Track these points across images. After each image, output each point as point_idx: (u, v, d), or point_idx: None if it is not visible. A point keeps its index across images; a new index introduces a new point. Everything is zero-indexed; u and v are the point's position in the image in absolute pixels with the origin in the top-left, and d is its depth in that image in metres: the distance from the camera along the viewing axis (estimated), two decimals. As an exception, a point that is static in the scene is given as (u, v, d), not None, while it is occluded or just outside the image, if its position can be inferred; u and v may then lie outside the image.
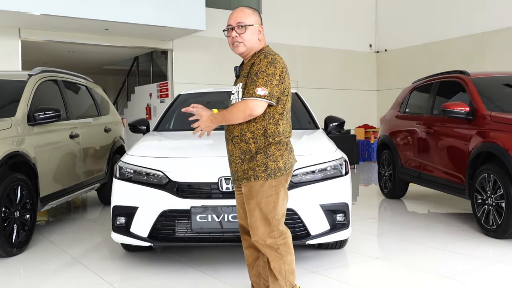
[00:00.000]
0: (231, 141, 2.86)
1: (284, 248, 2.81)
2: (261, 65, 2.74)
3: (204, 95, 5.94)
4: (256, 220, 2.79)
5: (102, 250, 4.67)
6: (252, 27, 2.86)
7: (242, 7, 2.96)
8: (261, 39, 2.90)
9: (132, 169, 3.93)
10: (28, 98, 4.98)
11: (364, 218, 6.01)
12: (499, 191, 4.77)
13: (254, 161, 2.77)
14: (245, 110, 2.70)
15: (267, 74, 2.71)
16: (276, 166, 2.77)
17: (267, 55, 2.78)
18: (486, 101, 5.35)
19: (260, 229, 2.78)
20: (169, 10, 10.41)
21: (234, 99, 2.89)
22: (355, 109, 15.28)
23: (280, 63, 2.78)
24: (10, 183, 4.33)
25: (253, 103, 2.69)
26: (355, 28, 15.38)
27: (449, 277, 3.72)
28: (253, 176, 2.77)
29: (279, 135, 2.79)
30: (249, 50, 2.88)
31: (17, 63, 10.45)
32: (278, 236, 2.79)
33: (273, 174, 2.76)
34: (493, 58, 12.32)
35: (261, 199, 2.77)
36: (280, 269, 2.81)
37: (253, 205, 2.79)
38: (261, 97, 2.68)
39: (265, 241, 2.79)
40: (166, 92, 12.77)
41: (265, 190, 2.77)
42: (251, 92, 2.70)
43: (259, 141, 2.78)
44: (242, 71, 2.91)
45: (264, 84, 2.69)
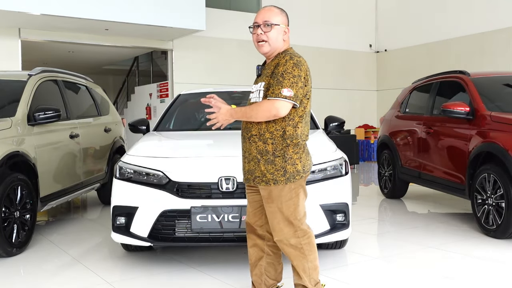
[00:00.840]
0: (248, 140, 2.86)
1: (308, 247, 2.84)
2: (287, 66, 2.73)
3: (204, 95, 5.90)
4: (279, 222, 2.80)
5: (102, 250, 4.67)
6: (278, 27, 2.85)
7: (271, 6, 2.94)
8: (285, 40, 2.90)
9: (132, 169, 3.93)
10: (28, 98, 4.98)
11: (364, 218, 6.02)
12: (499, 191, 4.77)
13: (273, 165, 2.77)
14: (270, 110, 2.69)
15: (293, 76, 2.71)
16: (294, 170, 2.78)
17: (292, 56, 2.78)
18: (486, 101, 5.34)
19: (284, 230, 2.80)
20: (169, 10, 10.41)
21: (254, 98, 2.88)
22: (355, 109, 15.28)
23: (304, 66, 2.79)
24: (10, 183, 4.33)
25: (280, 103, 2.69)
26: (355, 28, 15.37)
27: (449, 277, 3.72)
28: (272, 181, 2.77)
29: (297, 137, 2.80)
30: (273, 50, 2.87)
31: (17, 63, 10.44)
32: (302, 236, 2.82)
33: (292, 178, 2.77)
34: (493, 58, 12.32)
35: (282, 203, 2.78)
36: (303, 267, 2.84)
37: (274, 208, 2.80)
38: (286, 98, 2.68)
39: (289, 241, 2.81)
40: (166, 92, 12.78)
41: (285, 194, 2.78)
42: (277, 93, 2.69)
43: (276, 142, 2.78)
44: (264, 71, 2.89)
45: (290, 85, 2.69)
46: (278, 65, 2.77)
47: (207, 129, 5.38)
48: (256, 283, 3.09)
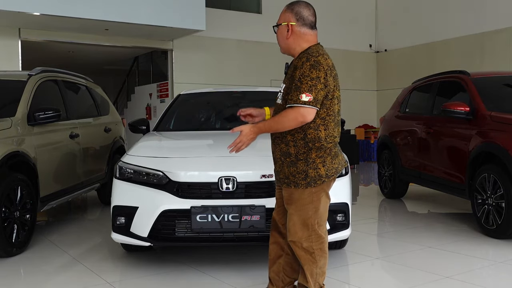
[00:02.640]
0: (273, 142, 2.87)
1: (319, 253, 2.81)
2: (304, 69, 2.64)
3: (204, 95, 5.93)
4: (295, 224, 2.78)
5: (102, 250, 4.67)
6: (280, 27, 2.82)
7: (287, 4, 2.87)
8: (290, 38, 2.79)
9: (132, 169, 3.93)
10: (28, 98, 4.98)
11: (364, 218, 6.01)
12: (499, 191, 4.77)
13: (295, 167, 2.74)
14: (297, 117, 2.62)
15: (311, 79, 2.62)
16: (316, 174, 2.72)
17: (309, 57, 2.67)
18: (486, 101, 5.34)
19: (298, 233, 2.78)
20: (169, 10, 10.41)
21: (278, 99, 2.88)
22: (355, 109, 15.27)
23: (323, 65, 2.67)
24: (10, 183, 4.33)
25: (305, 110, 2.61)
26: (355, 28, 15.37)
27: (449, 277, 3.72)
28: (293, 183, 2.75)
29: (320, 140, 2.71)
30: (285, 50, 2.84)
31: (17, 63, 10.44)
32: (316, 241, 2.80)
33: (313, 182, 2.72)
34: (493, 58, 12.32)
35: (301, 206, 2.76)
36: (312, 272, 2.82)
37: (292, 211, 2.79)
38: (306, 104, 2.60)
39: (302, 244, 2.79)
40: (166, 92, 12.77)
41: (305, 198, 2.75)
42: (295, 99, 2.62)
43: (298, 145, 2.73)
44: (289, 70, 2.84)
45: (308, 89, 2.60)
46: (296, 67, 2.70)
47: (207, 129, 5.39)
48: (274, 280, 3.08)
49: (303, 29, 2.79)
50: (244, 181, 3.69)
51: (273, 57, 13.43)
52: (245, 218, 3.61)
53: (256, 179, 3.70)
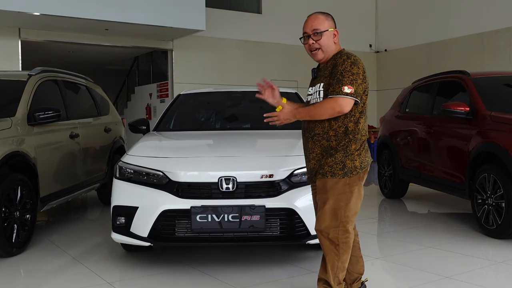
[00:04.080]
0: (312, 139, 2.93)
1: (344, 246, 2.86)
2: (345, 65, 2.82)
3: (204, 95, 5.93)
4: (325, 213, 2.84)
5: (102, 250, 4.67)
6: (327, 33, 2.96)
7: (316, 13, 3.06)
8: (336, 42, 2.99)
9: (132, 169, 3.93)
10: (28, 98, 4.98)
11: (364, 218, 6.01)
12: (499, 191, 4.77)
13: (333, 158, 2.84)
14: (334, 107, 2.78)
15: (352, 74, 2.81)
16: (353, 165, 2.84)
17: (349, 55, 2.88)
18: (486, 101, 5.34)
19: (327, 221, 2.84)
20: (169, 10, 10.41)
21: (314, 99, 2.96)
22: (355, 109, 15.25)
23: (361, 64, 2.89)
24: (10, 183, 4.33)
25: (343, 100, 2.77)
26: (355, 28, 15.35)
27: (449, 277, 3.72)
28: (330, 173, 2.84)
29: (359, 132, 2.87)
30: (328, 54, 2.97)
31: (17, 63, 10.44)
32: (343, 234, 2.84)
33: (350, 173, 2.83)
34: (493, 58, 12.32)
35: (334, 196, 2.83)
36: (333, 264, 2.87)
37: (324, 199, 2.86)
38: (347, 95, 2.77)
39: (329, 233, 2.84)
40: (166, 92, 12.77)
41: (339, 188, 2.83)
42: (338, 91, 2.78)
43: (339, 138, 2.86)
44: (320, 72, 2.98)
45: (350, 82, 2.78)
46: (336, 65, 2.86)
47: (207, 129, 5.39)
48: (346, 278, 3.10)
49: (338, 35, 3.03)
50: (244, 181, 3.69)
51: (273, 57, 13.46)
52: (245, 218, 3.61)
53: (256, 179, 3.70)
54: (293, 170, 3.76)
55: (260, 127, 4.83)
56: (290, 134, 4.62)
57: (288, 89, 5.91)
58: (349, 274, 3.11)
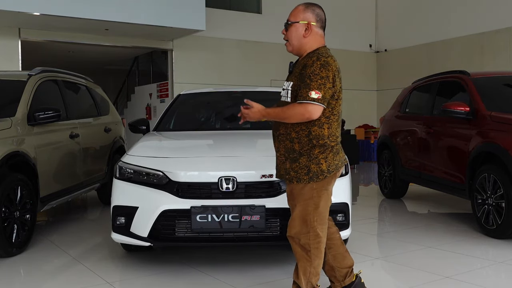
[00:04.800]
0: (277, 138, 2.90)
1: (315, 252, 2.82)
2: (314, 68, 2.71)
3: (204, 95, 5.93)
4: (294, 219, 2.82)
5: (102, 250, 4.67)
6: (297, 25, 2.84)
7: (300, 4, 2.90)
8: (307, 36, 2.84)
9: (132, 169, 3.93)
10: (28, 98, 4.98)
11: (364, 218, 6.01)
12: (499, 191, 4.77)
13: (297, 163, 2.78)
14: (303, 113, 2.69)
15: (320, 77, 2.69)
16: (318, 169, 2.76)
17: (319, 57, 2.75)
18: (486, 101, 5.34)
19: (296, 228, 2.81)
20: (169, 10, 10.41)
21: (283, 97, 2.91)
22: (355, 109, 15.27)
23: (332, 66, 2.75)
24: (10, 183, 4.33)
25: (312, 107, 2.68)
26: (355, 28, 15.37)
27: (449, 277, 3.72)
28: (295, 179, 2.78)
29: (324, 138, 2.77)
30: (296, 48, 2.88)
31: (17, 63, 10.44)
32: (313, 239, 2.81)
33: (315, 177, 2.76)
34: (493, 58, 12.32)
35: (301, 201, 2.79)
36: (305, 270, 2.84)
37: (293, 206, 2.84)
38: (315, 101, 2.67)
39: (300, 240, 2.81)
40: (166, 92, 12.77)
41: (306, 193, 2.78)
42: (305, 96, 2.68)
43: (302, 141, 2.78)
44: (295, 69, 2.89)
45: (318, 87, 2.67)
46: (306, 66, 2.76)
47: (207, 129, 5.39)
48: (332, 278, 3.12)
49: (320, 30, 2.89)
50: (244, 181, 3.69)
51: (273, 57, 13.45)
52: (245, 218, 3.61)
53: (256, 179, 3.70)
54: None
55: (260, 127, 4.83)
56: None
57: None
58: (338, 271, 3.08)
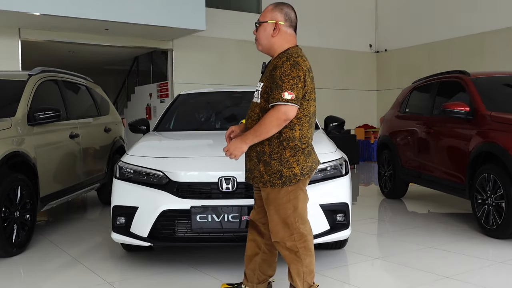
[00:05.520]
0: None
1: (304, 251, 2.81)
2: (284, 69, 2.68)
3: (204, 95, 5.93)
4: (276, 224, 2.80)
5: (102, 250, 4.67)
6: (265, 24, 2.82)
7: (270, 4, 2.89)
8: (276, 36, 2.81)
9: (132, 169, 3.93)
10: (28, 98, 4.98)
11: (364, 218, 6.01)
12: (499, 191, 4.77)
13: (269, 167, 2.75)
14: (279, 117, 2.64)
15: (292, 78, 2.66)
16: (291, 173, 2.74)
17: (289, 57, 2.72)
18: (486, 101, 5.34)
19: (280, 232, 2.80)
20: (169, 10, 10.41)
21: (254, 97, 2.89)
22: (355, 109, 15.27)
23: (302, 66, 2.72)
24: (10, 183, 4.33)
25: (287, 108, 2.63)
26: (355, 28, 15.37)
27: (449, 277, 3.72)
28: (269, 183, 2.76)
29: (295, 140, 2.74)
30: (265, 48, 2.86)
31: (17, 63, 10.44)
32: (299, 239, 2.80)
33: (288, 181, 2.74)
34: (493, 58, 12.32)
35: (279, 206, 2.78)
36: (298, 271, 2.83)
37: (272, 211, 2.81)
38: (289, 101, 2.63)
39: (285, 243, 2.80)
40: (166, 92, 12.77)
41: (282, 197, 2.76)
42: (278, 97, 2.64)
43: (273, 144, 2.75)
44: (266, 69, 2.87)
45: (290, 88, 2.64)
46: (276, 67, 2.73)
47: (207, 129, 5.39)
48: (249, 276, 3.14)
49: (289, 30, 2.86)
50: (244, 181, 3.68)
51: (273, 57, 13.45)
52: (245, 218, 3.61)
53: (256, 179, 3.69)
54: None
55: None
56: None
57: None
58: (258, 275, 3.09)
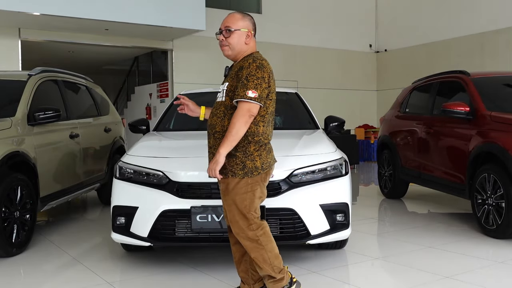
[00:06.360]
0: (213, 136, 3.01)
1: (264, 238, 2.94)
2: (250, 69, 2.88)
3: (204, 95, 5.92)
4: (235, 215, 2.92)
5: (102, 250, 4.67)
6: (239, 32, 3.02)
7: (235, 12, 3.11)
8: (248, 43, 3.05)
9: (132, 169, 3.93)
10: (28, 98, 4.98)
11: (364, 218, 6.02)
12: (499, 191, 4.77)
13: (233, 158, 2.89)
14: (244, 114, 2.82)
15: (256, 78, 2.86)
16: (253, 165, 2.89)
17: (255, 59, 2.93)
18: (486, 101, 5.34)
19: (239, 222, 2.91)
20: (169, 10, 10.41)
21: (219, 97, 3.04)
22: (355, 109, 15.28)
23: (267, 69, 2.92)
24: (10, 183, 4.33)
25: (251, 105, 2.83)
26: (355, 28, 15.37)
27: (449, 277, 3.72)
28: (231, 173, 2.89)
29: (259, 135, 2.91)
30: (235, 53, 3.04)
31: (17, 63, 10.44)
32: (257, 228, 2.93)
33: (250, 173, 2.89)
34: (493, 58, 12.32)
35: (236, 196, 2.89)
36: (263, 257, 2.94)
37: (230, 201, 2.92)
38: (252, 99, 2.82)
39: (246, 234, 2.92)
40: (166, 92, 12.77)
41: (240, 187, 2.89)
42: (242, 95, 2.83)
43: None
44: (230, 71, 3.06)
45: (254, 87, 2.83)
46: (242, 68, 2.92)
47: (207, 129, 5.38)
48: (244, 279, 3.19)
49: (254, 38, 3.13)
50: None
51: (272, 57, 13.43)
52: None
53: (256, 179, 3.69)
54: (293, 170, 3.76)
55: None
56: (290, 134, 4.62)
57: (288, 89, 5.91)
58: (252, 274, 3.16)
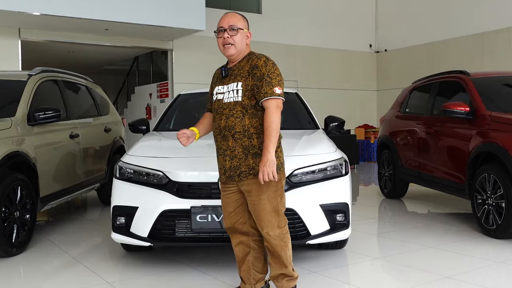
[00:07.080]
0: (232, 137, 2.94)
1: (287, 235, 3.01)
2: (269, 67, 2.93)
3: (204, 95, 5.90)
4: (268, 213, 2.93)
5: (102, 250, 4.67)
6: (243, 31, 3.04)
7: (234, 12, 3.14)
8: (248, 44, 3.09)
9: (132, 169, 3.93)
10: (28, 98, 4.98)
11: (364, 218, 6.02)
12: (499, 191, 4.77)
13: (260, 158, 2.89)
14: (277, 110, 2.88)
15: (277, 75, 2.93)
16: (279, 162, 2.95)
17: (267, 57, 2.98)
18: (486, 101, 5.34)
19: (272, 221, 2.93)
20: (169, 10, 10.42)
21: (230, 98, 2.98)
22: (355, 109, 15.28)
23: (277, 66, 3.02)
24: (10, 183, 4.33)
25: (277, 101, 2.89)
26: (355, 28, 15.37)
27: (449, 277, 3.72)
28: None
29: None
30: (238, 52, 3.03)
31: (17, 63, 10.44)
32: (284, 225, 2.99)
33: (278, 169, 2.91)
34: (493, 58, 12.32)
35: (271, 193, 2.92)
36: (287, 256, 3.00)
37: (264, 200, 2.92)
38: (280, 96, 2.89)
39: (275, 232, 2.94)
40: (166, 92, 12.78)
41: (274, 185, 2.92)
42: (270, 93, 2.88)
43: (261, 136, 2.92)
44: (234, 71, 3.03)
45: (278, 83, 2.91)
46: (257, 67, 2.93)
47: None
48: (245, 279, 3.20)
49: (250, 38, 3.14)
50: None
51: (273, 57, 13.35)
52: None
53: (256, 179, 3.69)
54: (293, 170, 3.76)
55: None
56: (290, 134, 4.61)
57: (288, 89, 5.90)
58: (254, 274, 3.17)
